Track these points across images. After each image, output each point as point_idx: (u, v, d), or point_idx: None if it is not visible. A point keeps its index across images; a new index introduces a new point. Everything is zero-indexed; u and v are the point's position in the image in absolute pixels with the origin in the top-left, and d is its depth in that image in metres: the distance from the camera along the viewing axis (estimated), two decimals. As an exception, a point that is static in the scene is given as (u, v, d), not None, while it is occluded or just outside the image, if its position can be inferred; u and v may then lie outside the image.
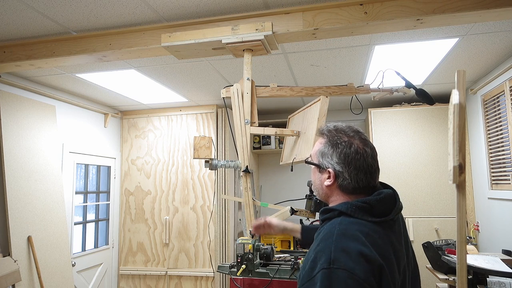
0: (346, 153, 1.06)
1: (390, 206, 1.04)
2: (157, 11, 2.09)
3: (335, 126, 1.13)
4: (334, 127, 1.12)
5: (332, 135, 1.10)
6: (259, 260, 2.83)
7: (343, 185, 1.07)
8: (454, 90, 1.17)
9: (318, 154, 1.12)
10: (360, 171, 1.05)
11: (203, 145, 1.98)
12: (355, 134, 1.09)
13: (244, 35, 1.98)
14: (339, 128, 1.12)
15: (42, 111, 3.31)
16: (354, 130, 1.11)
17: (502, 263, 2.32)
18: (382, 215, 1.01)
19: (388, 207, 1.03)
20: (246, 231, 2.19)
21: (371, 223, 0.99)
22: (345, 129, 1.11)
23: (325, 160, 1.09)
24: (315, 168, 1.14)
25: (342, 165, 1.06)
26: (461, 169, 1.12)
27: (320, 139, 1.14)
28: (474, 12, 1.78)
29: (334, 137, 1.10)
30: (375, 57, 2.86)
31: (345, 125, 1.13)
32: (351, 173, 1.05)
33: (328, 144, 1.10)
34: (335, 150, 1.07)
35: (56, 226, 3.26)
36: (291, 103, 4.45)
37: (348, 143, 1.07)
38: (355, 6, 1.90)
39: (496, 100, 3.16)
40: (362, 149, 1.07)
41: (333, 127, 1.12)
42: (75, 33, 2.35)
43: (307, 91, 2.16)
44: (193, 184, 4.27)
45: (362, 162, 1.05)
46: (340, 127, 1.12)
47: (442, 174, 3.79)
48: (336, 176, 1.07)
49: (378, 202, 1.02)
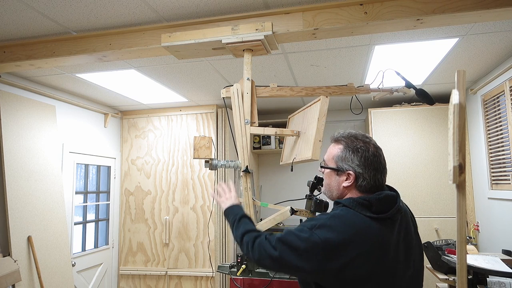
0: (366, 156, 1.20)
1: (389, 205, 1.15)
2: (157, 11, 2.10)
3: (350, 133, 1.27)
4: (349, 134, 1.26)
5: (349, 141, 1.24)
6: (259, 260, 2.83)
7: (362, 185, 1.20)
8: (454, 90, 1.17)
9: (336, 159, 1.25)
10: (377, 171, 1.20)
11: (203, 145, 1.97)
12: (369, 140, 1.25)
13: (244, 35, 1.97)
14: (353, 134, 1.26)
15: (42, 111, 3.32)
16: (366, 137, 1.26)
17: (502, 263, 2.32)
18: (380, 212, 1.13)
19: (387, 207, 1.14)
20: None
21: (367, 218, 1.12)
22: (359, 136, 1.25)
23: (346, 164, 1.22)
24: (332, 172, 1.26)
25: (362, 167, 1.20)
26: (461, 169, 1.12)
27: (337, 145, 1.27)
28: (474, 12, 1.78)
29: (353, 143, 1.23)
30: (375, 57, 2.86)
31: (357, 131, 1.27)
32: (370, 174, 1.19)
33: (347, 149, 1.23)
34: (356, 154, 1.21)
35: (56, 226, 3.26)
36: (291, 103, 4.45)
37: (366, 148, 1.21)
38: (355, 6, 1.90)
39: (496, 100, 3.16)
40: (377, 153, 1.22)
41: (348, 134, 1.27)
42: (75, 33, 2.35)
43: (307, 91, 2.16)
44: (193, 184, 4.27)
45: (378, 164, 1.21)
46: (354, 134, 1.26)
47: (442, 174, 3.79)
48: (356, 178, 1.20)
49: (377, 200, 1.14)
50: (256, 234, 1.28)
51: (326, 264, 1.08)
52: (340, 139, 1.26)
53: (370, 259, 1.08)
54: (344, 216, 1.13)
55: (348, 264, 1.07)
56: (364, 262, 1.07)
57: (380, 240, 1.10)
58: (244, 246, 1.29)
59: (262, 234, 1.27)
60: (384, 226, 1.12)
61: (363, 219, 1.12)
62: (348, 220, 1.12)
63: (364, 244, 1.08)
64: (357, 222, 1.11)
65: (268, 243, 1.20)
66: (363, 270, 1.07)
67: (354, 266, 1.07)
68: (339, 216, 1.14)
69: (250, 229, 1.33)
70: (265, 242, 1.21)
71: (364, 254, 1.07)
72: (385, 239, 1.11)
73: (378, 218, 1.12)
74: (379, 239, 1.10)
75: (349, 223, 1.11)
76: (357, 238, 1.08)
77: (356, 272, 1.07)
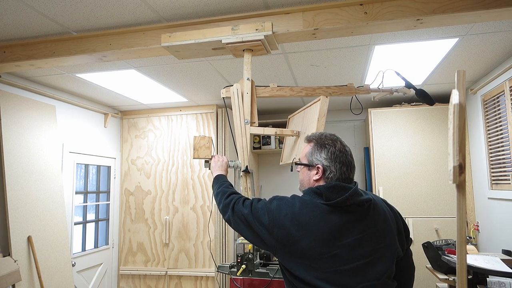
0: (332, 151, 1.36)
1: (337, 194, 1.27)
2: (157, 11, 2.10)
3: (320, 133, 1.44)
4: (319, 134, 1.43)
5: (318, 139, 1.41)
6: (259, 260, 2.83)
7: (329, 177, 1.34)
8: (454, 90, 1.17)
9: (307, 155, 1.41)
10: (343, 165, 1.34)
11: (203, 145, 1.97)
12: (337, 139, 1.41)
13: (244, 35, 1.97)
14: (324, 134, 1.43)
15: (42, 111, 3.32)
16: (334, 136, 1.42)
17: (502, 263, 2.32)
18: (328, 200, 1.27)
19: (335, 195, 1.27)
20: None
21: (318, 203, 1.28)
22: (328, 135, 1.42)
23: (315, 158, 1.37)
24: (304, 168, 1.42)
25: (329, 160, 1.35)
26: (461, 169, 1.12)
27: (309, 144, 1.44)
28: (474, 12, 1.78)
29: (321, 140, 1.39)
30: (375, 57, 2.86)
31: (328, 132, 1.44)
32: (336, 167, 1.34)
33: (316, 145, 1.39)
34: (323, 149, 1.37)
35: (56, 226, 3.26)
36: (291, 103, 4.45)
37: (333, 144, 1.37)
38: (355, 6, 1.90)
39: (496, 100, 3.16)
40: (343, 149, 1.37)
41: (319, 134, 1.43)
42: (75, 33, 2.35)
43: (307, 91, 2.16)
44: (193, 184, 4.28)
45: (344, 158, 1.35)
46: (324, 133, 1.43)
47: (442, 174, 3.79)
48: (324, 170, 1.35)
49: (326, 188, 1.29)
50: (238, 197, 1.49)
51: (273, 230, 1.26)
52: (312, 139, 1.43)
53: (308, 238, 1.22)
54: (300, 198, 1.33)
55: (289, 236, 1.24)
56: (303, 239, 1.22)
57: (324, 224, 1.23)
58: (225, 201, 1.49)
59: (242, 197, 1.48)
60: (334, 214, 1.25)
61: (313, 203, 1.28)
62: (301, 201, 1.30)
63: (305, 224, 1.23)
64: (307, 204, 1.28)
65: (242, 204, 1.42)
66: (302, 246, 1.22)
67: (294, 241, 1.23)
68: (296, 197, 1.34)
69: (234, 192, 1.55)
70: (241, 203, 1.42)
71: (304, 232, 1.23)
72: (330, 225, 1.23)
73: (327, 205, 1.26)
74: (322, 223, 1.23)
75: (300, 203, 1.29)
76: (301, 217, 1.25)
77: (296, 247, 1.23)
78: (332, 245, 1.22)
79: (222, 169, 1.85)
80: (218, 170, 1.85)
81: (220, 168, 1.86)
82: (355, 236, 1.24)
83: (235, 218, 1.40)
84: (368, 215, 1.29)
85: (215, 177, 1.78)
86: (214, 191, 1.65)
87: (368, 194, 1.34)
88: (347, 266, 1.21)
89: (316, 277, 1.21)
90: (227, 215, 1.44)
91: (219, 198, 1.54)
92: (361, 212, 1.28)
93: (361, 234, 1.25)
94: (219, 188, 1.61)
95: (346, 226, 1.24)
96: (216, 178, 1.76)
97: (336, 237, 1.23)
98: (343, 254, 1.22)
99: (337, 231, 1.23)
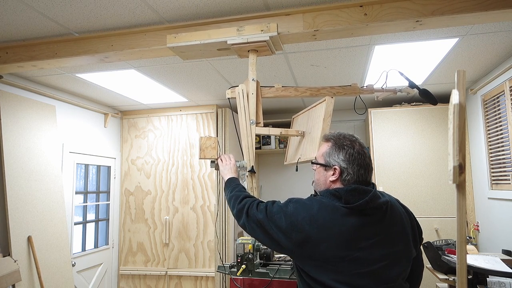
0: (351, 153, 1.32)
1: (357, 197, 1.24)
2: (158, 12, 2.10)
3: (338, 133, 1.39)
4: (338, 134, 1.39)
5: (337, 140, 1.36)
6: (259, 260, 2.83)
7: (346, 179, 1.30)
8: (454, 90, 1.17)
9: (325, 155, 1.37)
10: (361, 167, 1.31)
11: (209, 145, 1.98)
12: (356, 139, 1.36)
13: (250, 36, 1.98)
14: (342, 134, 1.38)
15: (42, 111, 3.32)
16: (355, 137, 1.38)
17: (502, 263, 2.32)
18: (348, 203, 1.24)
19: (355, 198, 1.24)
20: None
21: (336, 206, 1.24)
22: (347, 135, 1.37)
23: (332, 159, 1.34)
24: (321, 167, 1.38)
25: (347, 162, 1.31)
26: (461, 169, 1.13)
27: (326, 143, 1.40)
28: (473, 14, 1.78)
29: (340, 141, 1.35)
30: (375, 57, 2.86)
31: (347, 133, 1.39)
32: (354, 169, 1.30)
33: (334, 146, 1.35)
34: (341, 150, 1.33)
35: (56, 226, 3.26)
36: (291, 103, 4.45)
37: (352, 145, 1.33)
38: (355, 8, 1.91)
39: (496, 100, 3.16)
40: (362, 151, 1.33)
41: (337, 134, 1.39)
42: (77, 34, 2.35)
43: (312, 92, 2.16)
44: (193, 184, 4.28)
45: (362, 161, 1.31)
46: (343, 133, 1.38)
47: (442, 174, 3.80)
48: (341, 172, 1.31)
49: (345, 191, 1.25)
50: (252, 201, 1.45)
51: (291, 234, 1.23)
52: (330, 138, 1.39)
53: (328, 241, 1.20)
54: (317, 200, 1.29)
55: (308, 239, 1.21)
56: (322, 242, 1.20)
57: (343, 227, 1.21)
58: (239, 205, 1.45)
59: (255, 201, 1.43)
60: (352, 216, 1.22)
61: (331, 206, 1.25)
62: (319, 203, 1.27)
63: (325, 226, 1.21)
64: (325, 207, 1.25)
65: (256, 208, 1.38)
66: (322, 250, 1.20)
67: (313, 244, 1.20)
68: (313, 199, 1.31)
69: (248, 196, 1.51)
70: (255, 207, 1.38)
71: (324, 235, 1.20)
72: (349, 227, 1.21)
73: (346, 207, 1.23)
74: (342, 226, 1.21)
75: (318, 205, 1.26)
76: (320, 219, 1.22)
77: (316, 250, 1.20)
78: (352, 248, 1.20)
79: (232, 172, 1.82)
80: (229, 173, 1.81)
81: (230, 170, 1.83)
82: (374, 239, 1.23)
83: (250, 223, 1.36)
84: (386, 217, 1.28)
85: (227, 180, 1.74)
86: (227, 195, 1.61)
87: (385, 196, 1.33)
88: (367, 269, 1.20)
89: (335, 280, 1.20)
90: (242, 220, 1.40)
91: (233, 202, 1.50)
92: (379, 215, 1.27)
93: (379, 237, 1.24)
94: (231, 193, 1.57)
95: (365, 228, 1.23)
96: (228, 181, 1.72)
97: (356, 240, 1.21)
98: (363, 257, 1.21)
99: (357, 234, 1.21)
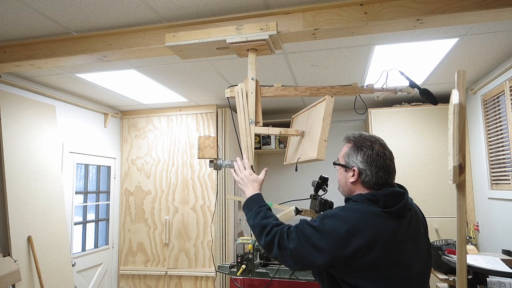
0: (369, 154, 1.30)
1: (395, 201, 1.23)
2: (157, 11, 2.10)
3: (360, 133, 1.38)
4: (359, 134, 1.37)
5: (357, 140, 1.35)
6: (259, 260, 2.83)
7: (365, 181, 1.29)
8: (454, 90, 1.17)
9: (345, 156, 1.37)
10: (380, 169, 1.29)
11: (208, 145, 1.98)
12: (376, 140, 1.35)
13: (249, 35, 1.97)
14: (363, 135, 1.37)
15: (42, 111, 3.32)
16: (376, 137, 1.36)
17: (502, 263, 2.32)
18: (386, 207, 1.21)
19: (393, 202, 1.22)
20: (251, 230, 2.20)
21: (375, 211, 1.21)
22: (368, 136, 1.35)
23: (351, 160, 1.33)
24: (342, 168, 1.37)
25: (365, 163, 1.30)
26: (461, 169, 1.13)
27: (347, 144, 1.39)
28: (474, 13, 1.78)
29: (360, 142, 1.34)
30: (375, 57, 2.86)
31: (368, 133, 1.38)
32: (372, 171, 1.29)
33: (354, 147, 1.34)
34: (359, 152, 1.32)
35: (56, 226, 3.26)
36: (290, 103, 4.45)
37: (371, 147, 1.31)
38: (355, 7, 1.90)
39: (496, 100, 3.16)
40: (382, 152, 1.32)
41: (358, 134, 1.38)
42: (76, 33, 2.35)
43: (312, 91, 2.15)
44: (193, 184, 4.28)
45: (382, 162, 1.30)
46: (364, 134, 1.37)
47: (442, 174, 3.79)
48: (359, 173, 1.30)
49: (384, 196, 1.23)
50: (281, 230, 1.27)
51: (337, 252, 1.16)
52: (351, 139, 1.38)
53: (376, 249, 1.15)
54: (353, 208, 1.23)
55: (356, 252, 1.15)
56: (371, 251, 1.15)
57: (387, 232, 1.18)
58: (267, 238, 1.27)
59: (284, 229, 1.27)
60: (392, 220, 1.20)
61: (370, 212, 1.20)
62: (357, 211, 1.21)
63: (371, 234, 1.16)
64: (365, 214, 1.20)
65: (287, 238, 1.24)
66: (370, 258, 1.15)
67: (362, 255, 1.15)
68: (348, 208, 1.24)
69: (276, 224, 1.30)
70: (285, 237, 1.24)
71: (371, 243, 1.15)
72: (392, 232, 1.18)
73: (385, 212, 1.20)
74: (386, 231, 1.18)
75: (357, 214, 1.20)
76: (364, 228, 1.16)
77: (364, 260, 1.15)
78: (397, 252, 1.19)
79: (255, 185, 1.51)
80: (251, 188, 1.50)
81: (252, 184, 1.51)
82: (410, 241, 1.23)
83: (284, 256, 1.24)
84: (413, 217, 1.29)
85: (249, 199, 1.45)
86: (249, 220, 1.38)
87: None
88: (409, 272, 1.20)
89: (383, 287, 1.17)
90: (273, 253, 1.26)
91: (258, 231, 1.32)
92: (409, 216, 1.27)
93: (413, 238, 1.24)
94: (255, 219, 1.35)
95: (402, 231, 1.22)
96: (250, 201, 1.44)
97: (399, 243, 1.20)
98: (405, 260, 1.20)
99: (399, 237, 1.20)
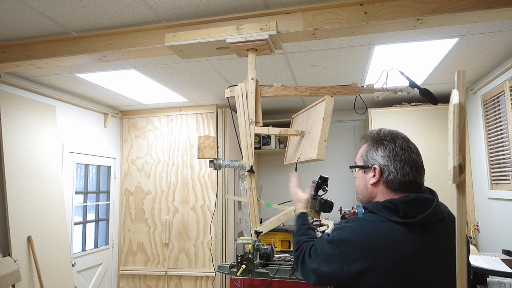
0: (391, 148, 1.11)
1: (419, 209, 1.02)
2: (157, 11, 2.10)
3: (379, 129, 1.21)
4: (378, 130, 1.20)
5: (375, 137, 1.18)
6: (259, 260, 2.82)
7: (389, 180, 1.10)
8: (454, 90, 1.17)
9: (362, 155, 1.19)
10: (406, 164, 1.09)
11: (208, 145, 1.98)
12: (397, 134, 1.17)
13: (249, 35, 1.97)
14: (382, 130, 1.19)
15: (42, 111, 3.31)
16: (396, 132, 1.18)
17: (502, 263, 2.32)
18: (407, 217, 1.02)
19: (416, 210, 1.02)
20: (252, 231, 2.19)
21: (392, 223, 1.02)
22: (387, 131, 1.18)
23: (370, 158, 1.15)
24: (360, 171, 1.19)
25: (387, 158, 1.11)
26: (461, 169, 1.12)
27: (364, 144, 1.22)
28: (474, 12, 1.78)
29: (378, 137, 1.17)
30: (375, 57, 2.86)
31: (388, 129, 1.20)
32: (396, 166, 1.09)
33: (372, 143, 1.17)
34: (379, 146, 1.14)
35: (56, 226, 3.26)
36: (290, 103, 4.44)
37: (392, 140, 1.13)
38: (355, 6, 1.90)
39: (496, 100, 3.16)
40: (406, 145, 1.12)
41: (377, 130, 1.20)
42: (75, 33, 2.35)
43: (311, 91, 2.15)
44: (193, 184, 4.27)
45: (407, 156, 1.10)
46: (383, 129, 1.19)
47: (442, 174, 3.79)
48: (381, 171, 1.11)
49: (404, 203, 1.03)
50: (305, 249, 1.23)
51: (344, 267, 1.03)
52: (367, 137, 1.22)
53: (389, 269, 0.99)
54: (366, 222, 1.06)
55: (366, 270, 1.00)
56: (382, 272, 0.99)
57: (405, 249, 1.00)
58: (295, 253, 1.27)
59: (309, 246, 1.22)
60: (413, 232, 1.01)
61: (386, 225, 1.03)
62: (370, 226, 1.04)
63: (383, 253, 0.99)
64: (378, 228, 1.03)
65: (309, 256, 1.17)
66: (380, 281, 0.99)
67: (370, 276, 1.00)
68: (357, 220, 1.09)
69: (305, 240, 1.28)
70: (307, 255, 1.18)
71: (383, 263, 0.99)
72: (411, 249, 1.00)
73: (406, 223, 1.01)
74: (403, 248, 1.00)
75: (370, 230, 1.03)
76: (377, 245, 1.00)
77: (373, 281, 1.00)
78: (416, 274, 1.00)
79: (299, 205, 1.58)
80: (296, 207, 1.58)
81: (297, 204, 1.59)
82: (439, 257, 1.03)
83: (306, 273, 1.18)
84: (446, 228, 1.08)
85: (296, 216, 1.53)
86: (294, 235, 1.40)
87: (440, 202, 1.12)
88: None
89: None
90: (299, 269, 1.23)
91: (294, 247, 1.31)
92: (441, 227, 1.06)
93: (444, 253, 1.04)
94: (295, 235, 1.37)
95: (428, 247, 1.02)
96: (295, 219, 1.51)
97: (419, 264, 1.00)
98: (427, 282, 1.01)
99: (419, 256, 1.00)
